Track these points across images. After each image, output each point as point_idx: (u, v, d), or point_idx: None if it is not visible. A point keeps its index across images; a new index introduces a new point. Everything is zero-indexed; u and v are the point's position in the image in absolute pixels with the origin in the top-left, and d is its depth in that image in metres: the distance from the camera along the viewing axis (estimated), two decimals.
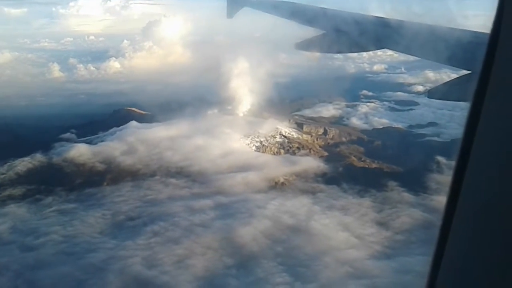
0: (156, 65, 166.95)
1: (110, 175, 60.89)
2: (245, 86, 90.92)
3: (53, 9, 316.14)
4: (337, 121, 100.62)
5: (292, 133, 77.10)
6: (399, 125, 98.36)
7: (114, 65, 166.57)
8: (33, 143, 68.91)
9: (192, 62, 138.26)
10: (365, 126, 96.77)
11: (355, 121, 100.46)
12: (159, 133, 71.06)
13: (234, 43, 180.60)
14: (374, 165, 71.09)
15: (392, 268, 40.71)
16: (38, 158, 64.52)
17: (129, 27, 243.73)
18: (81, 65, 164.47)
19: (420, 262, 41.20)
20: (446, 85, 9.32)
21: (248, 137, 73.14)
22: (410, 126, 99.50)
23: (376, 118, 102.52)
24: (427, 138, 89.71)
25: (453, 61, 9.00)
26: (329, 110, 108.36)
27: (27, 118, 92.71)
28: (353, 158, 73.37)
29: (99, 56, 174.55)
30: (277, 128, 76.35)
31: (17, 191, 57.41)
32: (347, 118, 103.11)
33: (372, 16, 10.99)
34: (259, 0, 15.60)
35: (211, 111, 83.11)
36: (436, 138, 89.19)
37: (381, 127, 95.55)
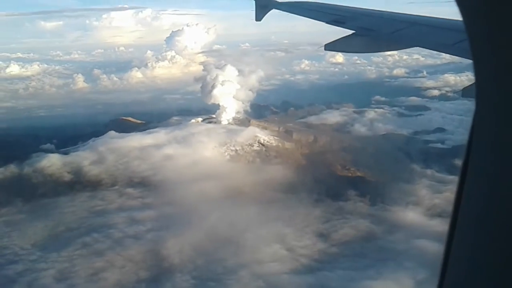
0: (178, 74, 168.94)
1: (73, 185, 61.25)
2: (249, 95, 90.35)
3: (87, 21, 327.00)
4: (340, 128, 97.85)
5: (272, 141, 75.23)
6: (404, 132, 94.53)
7: (137, 75, 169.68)
8: (13, 154, 70.00)
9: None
10: (367, 133, 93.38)
11: (358, 128, 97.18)
12: (133, 142, 71.05)
13: (257, 52, 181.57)
14: (358, 174, 68.64)
15: (307, 284, 38.75)
16: (10, 169, 65.56)
17: (159, 38, 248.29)
18: (105, 76, 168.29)
19: (340, 278, 39.23)
20: None
21: (224, 145, 71.97)
22: (416, 132, 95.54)
23: (381, 125, 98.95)
24: (430, 144, 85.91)
25: None
26: (335, 117, 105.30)
27: (26, 128, 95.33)
28: (338, 166, 71.05)
29: (123, 66, 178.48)
30: (256, 136, 74.74)
31: None
32: (351, 125, 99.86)
33: (402, 14, 10.57)
34: (288, 1, 15.26)
35: (195, 119, 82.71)
36: (439, 145, 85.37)
37: (384, 133, 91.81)
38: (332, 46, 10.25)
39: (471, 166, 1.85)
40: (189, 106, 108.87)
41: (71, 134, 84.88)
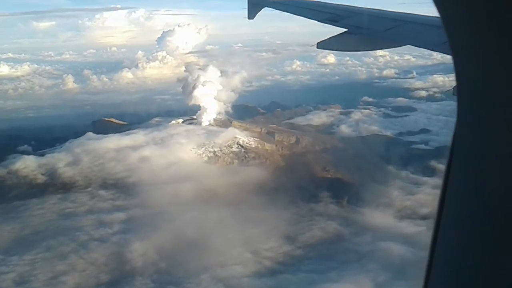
0: (169, 75, 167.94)
1: (45, 187, 60.66)
2: (231, 96, 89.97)
3: (79, 21, 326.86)
4: (325, 129, 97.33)
5: (251, 142, 74.63)
6: (388, 133, 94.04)
7: (127, 75, 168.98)
8: None
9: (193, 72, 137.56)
10: (352, 134, 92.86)
11: (344, 129, 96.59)
12: (110, 144, 70.33)
13: (248, 52, 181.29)
14: (337, 175, 68.05)
15: (266, 287, 38.17)
16: None
17: (152, 38, 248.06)
18: (95, 76, 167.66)
19: (301, 281, 38.80)
20: None
21: (202, 147, 71.39)
22: (400, 133, 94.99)
23: (366, 125, 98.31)
24: (413, 146, 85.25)
25: None
26: (321, 118, 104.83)
27: (10, 130, 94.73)
28: (317, 168, 70.47)
29: (115, 67, 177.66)
30: (235, 137, 74.14)
31: None
32: (337, 126, 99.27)
33: (395, 12, 10.56)
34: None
35: (175, 120, 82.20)
36: (422, 146, 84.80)
37: (368, 134, 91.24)
38: (324, 45, 10.29)
39: (454, 167, 1.86)
40: (177, 107, 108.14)
41: (50, 136, 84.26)
